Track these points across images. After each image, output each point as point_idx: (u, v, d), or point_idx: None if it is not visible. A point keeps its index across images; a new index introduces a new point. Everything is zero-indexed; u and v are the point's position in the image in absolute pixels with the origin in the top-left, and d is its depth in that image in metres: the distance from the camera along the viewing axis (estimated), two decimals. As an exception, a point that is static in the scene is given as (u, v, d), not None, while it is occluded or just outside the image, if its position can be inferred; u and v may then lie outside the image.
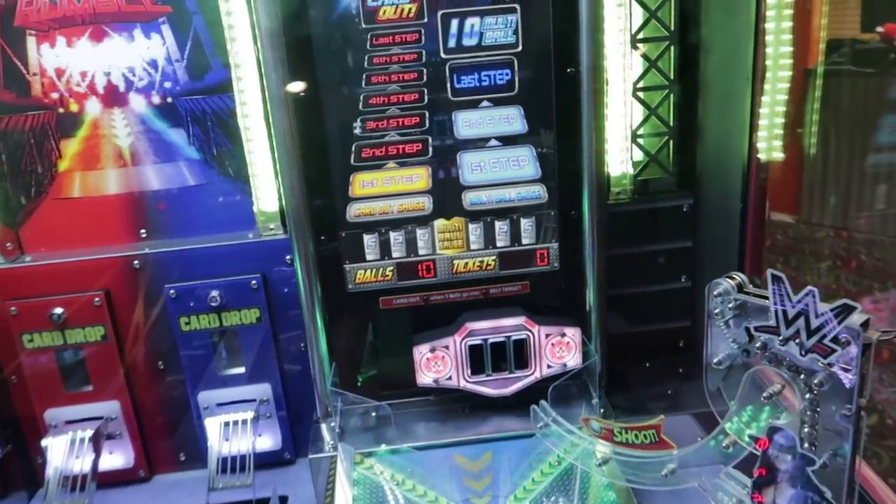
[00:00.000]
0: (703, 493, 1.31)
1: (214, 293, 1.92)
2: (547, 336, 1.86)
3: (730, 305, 1.18)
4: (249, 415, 1.97)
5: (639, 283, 2.05)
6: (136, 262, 1.93)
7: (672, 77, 1.97)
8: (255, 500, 1.90)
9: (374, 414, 1.92)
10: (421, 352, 1.85)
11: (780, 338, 1.09)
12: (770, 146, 1.90)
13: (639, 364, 2.08)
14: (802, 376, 1.11)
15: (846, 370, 1.05)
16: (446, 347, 1.85)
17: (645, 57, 1.95)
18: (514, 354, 1.86)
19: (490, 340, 1.85)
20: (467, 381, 1.87)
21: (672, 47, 1.94)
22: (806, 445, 1.12)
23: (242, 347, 2.00)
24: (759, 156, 1.89)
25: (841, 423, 1.09)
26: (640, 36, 1.93)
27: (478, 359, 1.86)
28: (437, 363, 1.86)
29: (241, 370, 2.02)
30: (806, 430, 1.12)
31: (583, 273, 1.90)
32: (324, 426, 1.92)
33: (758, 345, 1.14)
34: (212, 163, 1.96)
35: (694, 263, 2.05)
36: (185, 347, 1.97)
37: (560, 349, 1.88)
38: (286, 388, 2.05)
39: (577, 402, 1.88)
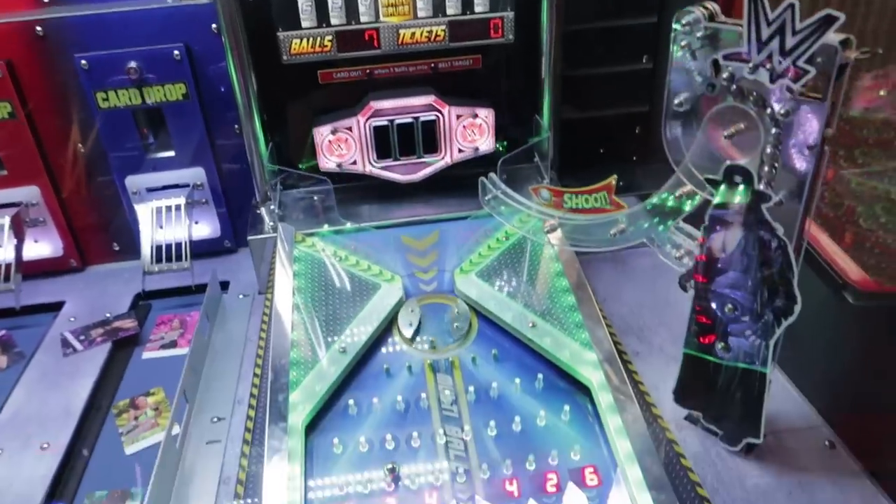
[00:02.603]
0: (650, 246, 1.29)
1: (132, 65, 1.73)
2: (458, 117, 1.74)
3: (699, 34, 1.08)
4: (182, 200, 1.87)
5: (598, 63, 1.92)
6: (38, 27, 1.71)
7: None
8: (195, 285, 1.85)
9: (315, 197, 1.82)
10: (322, 134, 1.71)
11: (751, 64, 1.00)
12: None
13: (592, 149, 2.01)
14: (768, 110, 1.04)
15: (817, 98, 0.98)
16: (349, 129, 1.72)
17: None
18: (423, 137, 1.75)
19: (397, 122, 1.72)
20: (373, 165, 1.76)
21: None
22: (763, 184, 1.08)
23: (170, 128, 1.85)
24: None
25: (803, 158, 1.04)
26: None
27: (384, 142, 1.74)
28: (340, 146, 1.74)
29: (170, 153, 1.88)
30: (765, 168, 1.07)
31: (539, 48, 1.76)
32: (263, 209, 1.83)
33: (725, 76, 1.05)
34: None
35: (657, 43, 1.92)
36: (106, 127, 1.81)
37: (472, 132, 1.76)
38: (222, 173, 1.93)
39: (528, 184, 1.82)
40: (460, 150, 1.79)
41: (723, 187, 1.13)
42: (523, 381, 1.39)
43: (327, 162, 1.76)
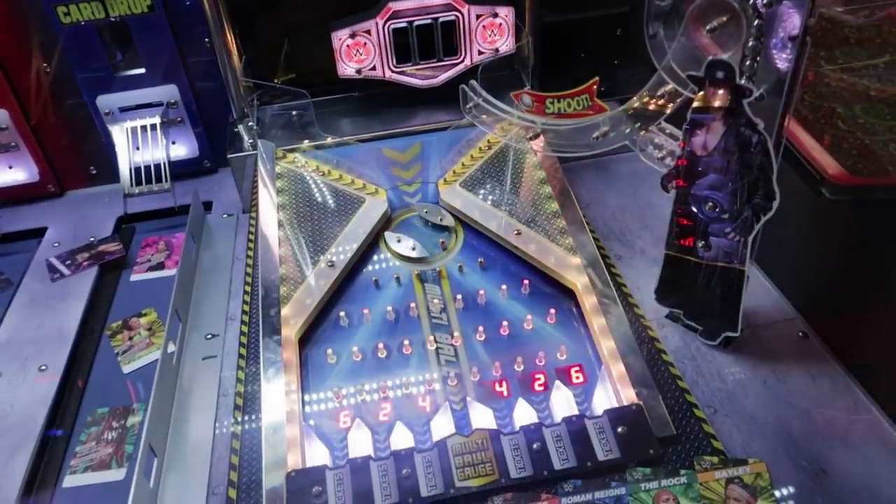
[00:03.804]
0: (632, 147, 1.29)
1: (92, -25, 1.65)
2: (478, 17, 1.70)
3: (681, -75, 1.05)
4: (157, 119, 1.83)
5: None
6: (-12, -62, 1.61)
7: None
8: (177, 206, 1.83)
9: (294, 113, 1.79)
10: (340, 38, 1.67)
11: (735, -48, 0.98)
12: None
13: (573, 54, 1.97)
14: (751, 1, 1.03)
15: (799, -11, 0.96)
16: (368, 32, 1.68)
17: None
18: (443, 39, 1.71)
19: (416, 23, 1.68)
20: (393, 70, 1.73)
21: None
22: (745, 79, 1.07)
23: (137, 44, 1.78)
24: None
25: (784, 52, 1.03)
26: None
27: (403, 45, 1.70)
28: (359, 51, 1.69)
29: (140, 70, 1.82)
30: (747, 62, 1.07)
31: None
32: (241, 127, 1.79)
33: (708, -31, 1.03)
34: None
35: (639, -61, 1.85)
36: (71, 44, 1.74)
37: (492, 32, 1.73)
38: (196, 90, 1.87)
39: (509, 92, 1.79)
40: (480, 52, 1.74)
41: (702, 92, 1.13)
42: (510, 288, 1.42)
43: (346, 68, 1.70)
